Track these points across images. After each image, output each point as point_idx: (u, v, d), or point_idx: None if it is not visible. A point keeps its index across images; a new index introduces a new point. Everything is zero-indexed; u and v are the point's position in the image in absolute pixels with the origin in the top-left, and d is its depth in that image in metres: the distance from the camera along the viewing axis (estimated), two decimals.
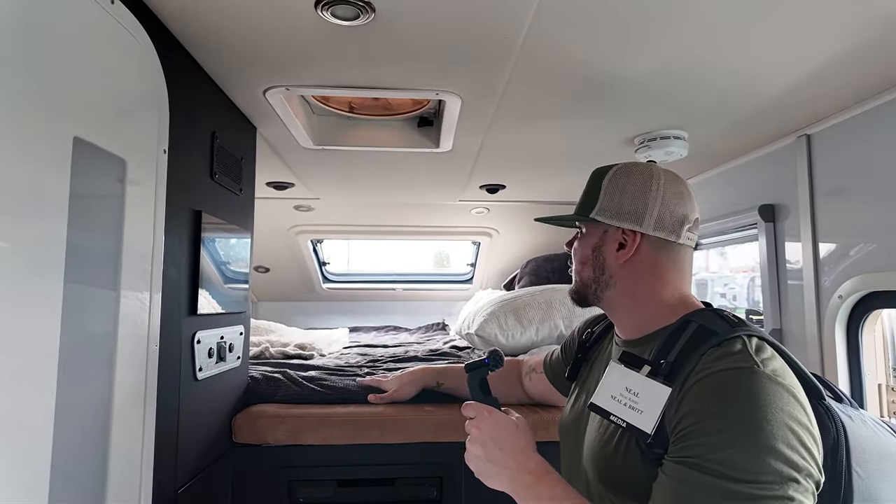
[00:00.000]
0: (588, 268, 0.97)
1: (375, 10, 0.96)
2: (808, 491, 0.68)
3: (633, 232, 0.92)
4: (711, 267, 3.58)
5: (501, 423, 0.91)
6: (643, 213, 0.92)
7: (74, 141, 0.75)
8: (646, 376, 0.83)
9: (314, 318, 3.62)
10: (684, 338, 0.83)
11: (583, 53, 1.12)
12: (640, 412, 0.81)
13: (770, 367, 0.75)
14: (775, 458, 0.67)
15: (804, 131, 1.56)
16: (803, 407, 0.73)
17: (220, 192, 1.34)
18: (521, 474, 0.85)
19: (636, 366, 0.86)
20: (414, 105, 1.66)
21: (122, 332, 0.88)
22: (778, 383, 0.73)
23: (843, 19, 0.99)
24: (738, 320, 0.84)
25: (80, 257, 0.77)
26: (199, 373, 1.21)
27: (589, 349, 1.11)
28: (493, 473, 0.87)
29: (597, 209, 0.96)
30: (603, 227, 0.95)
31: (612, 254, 0.94)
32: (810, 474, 0.69)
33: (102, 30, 0.82)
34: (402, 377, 1.61)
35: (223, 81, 1.29)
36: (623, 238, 0.93)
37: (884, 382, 1.44)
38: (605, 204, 0.95)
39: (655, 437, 0.77)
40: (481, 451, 0.89)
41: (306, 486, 1.50)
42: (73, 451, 0.77)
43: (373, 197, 2.69)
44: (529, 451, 0.88)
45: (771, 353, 0.79)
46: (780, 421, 0.69)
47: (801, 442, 0.69)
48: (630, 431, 0.81)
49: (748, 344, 0.78)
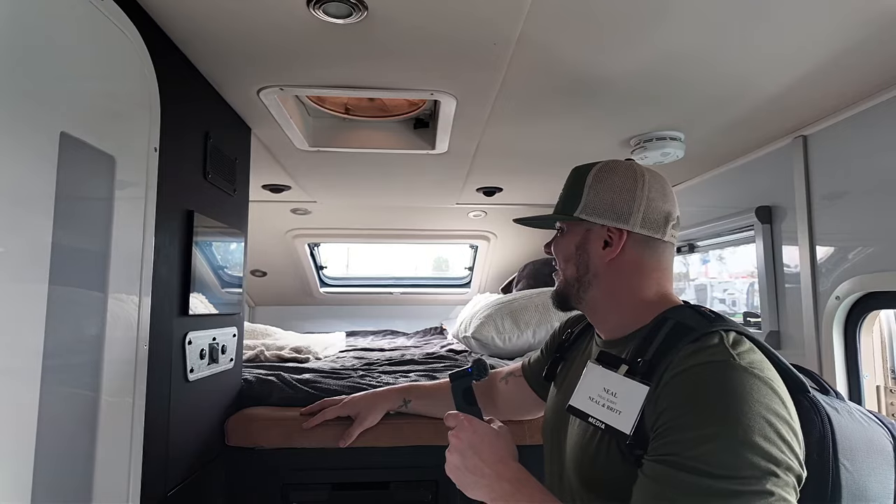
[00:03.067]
0: (572, 266, 0.95)
1: (368, 8, 0.95)
2: (789, 485, 0.67)
3: (618, 230, 0.91)
4: (711, 272, 3.58)
5: (480, 433, 0.89)
6: (629, 211, 0.91)
7: (61, 136, 0.74)
8: (623, 375, 0.82)
9: (311, 323, 3.60)
10: (661, 335, 0.82)
11: (577, 54, 1.12)
12: (619, 413, 0.79)
13: (746, 360, 0.73)
14: (753, 452, 0.66)
15: (800, 132, 1.56)
16: (782, 399, 0.71)
17: (214, 193, 1.33)
18: (499, 483, 0.83)
19: (613, 365, 0.85)
20: (409, 106, 1.65)
21: (110, 332, 0.87)
22: (754, 375, 0.71)
23: (839, 19, 0.98)
24: (716, 315, 0.83)
25: (67, 256, 0.76)
26: (191, 374, 1.19)
27: (568, 349, 1.10)
28: (472, 483, 0.86)
29: (581, 207, 0.94)
30: (587, 225, 0.94)
31: (598, 252, 0.93)
32: (790, 467, 0.67)
33: (92, 26, 0.82)
34: (357, 403, 1.43)
35: (216, 81, 1.28)
36: (608, 236, 0.92)
37: (882, 384, 1.43)
38: (589, 202, 0.93)
39: (635, 437, 0.76)
40: (460, 461, 0.88)
41: (300, 489, 1.48)
42: (57, 454, 0.76)
43: (369, 200, 2.68)
44: (508, 460, 0.87)
45: (749, 346, 0.77)
46: (757, 413, 0.68)
47: (780, 435, 0.68)
48: (609, 433, 0.80)
49: (725, 338, 0.77)
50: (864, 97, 1.33)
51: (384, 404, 1.44)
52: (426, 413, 1.44)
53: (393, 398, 1.44)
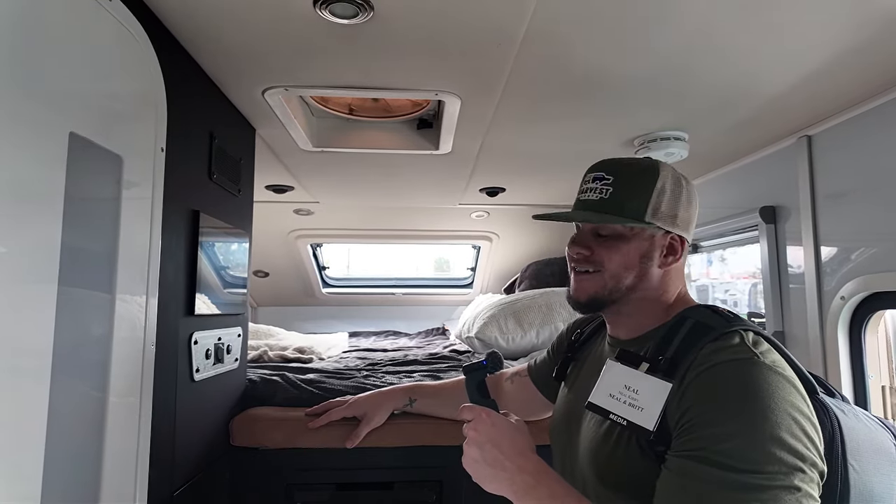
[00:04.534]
0: (631, 274, 0.90)
1: (374, 9, 0.95)
2: (813, 481, 0.68)
3: (680, 238, 0.92)
4: (712, 273, 3.58)
5: (499, 425, 0.89)
6: (692, 220, 0.93)
7: (70, 136, 0.74)
8: (645, 373, 0.83)
9: (314, 324, 3.60)
10: (682, 333, 0.83)
11: (581, 53, 1.12)
12: (641, 409, 0.80)
13: (770, 359, 0.75)
14: (780, 448, 0.67)
15: (804, 132, 1.55)
16: (804, 397, 0.73)
17: (219, 193, 1.33)
18: (520, 476, 0.83)
19: (634, 363, 0.85)
20: (413, 107, 1.66)
21: (118, 332, 0.87)
22: (779, 373, 0.73)
23: (842, 19, 0.98)
24: (734, 316, 0.84)
25: (76, 256, 0.76)
26: (197, 374, 1.20)
27: (578, 349, 1.10)
28: (492, 476, 0.85)
29: (651, 212, 0.89)
30: (651, 231, 0.90)
31: (660, 260, 0.91)
32: (814, 464, 0.69)
33: (99, 26, 0.82)
34: (362, 403, 1.43)
35: (222, 81, 1.28)
36: (671, 244, 0.92)
37: (888, 384, 1.43)
38: (664, 208, 0.90)
39: (657, 433, 0.77)
40: (479, 454, 0.87)
41: (304, 489, 1.48)
42: (66, 453, 0.76)
43: (372, 200, 2.68)
44: (528, 453, 0.86)
45: (768, 346, 0.79)
46: (784, 410, 0.69)
47: (804, 431, 0.69)
48: (630, 429, 0.80)
49: (745, 338, 0.79)
50: (868, 97, 1.33)
51: (390, 403, 1.43)
52: (431, 412, 1.43)
53: (398, 397, 1.44)
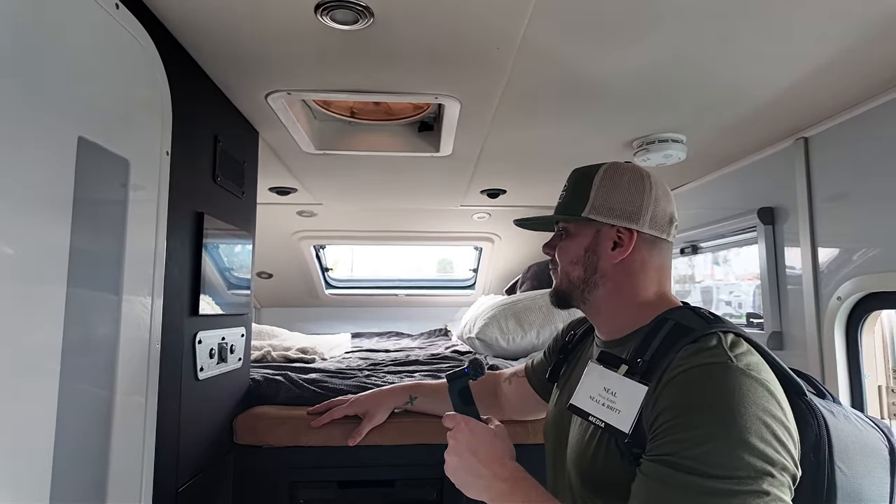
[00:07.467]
0: (578, 268, 0.96)
1: (374, 15, 0.98)
2: (784, 485, 0.68)
3: (628, 230, 0.92)
4: (717, 274, 3.58)
5: (477, 433, 0.91)
6: (639, 212, 0.92)
7: (79, 141, 0.77)
8: (623, 375, 0.83)
9: (317, 325, 3.62)
10: (660, 336, 0.83)
11: (579, 57, 1.14)
12: (618, 412, 0.81)
13: (744, 362, 0.75)
14: (749, 453, 0.67)
15: (802, 134, 1.57)
16: (778, 401, 0.73)
17: (223, 195, 1.35)
18: (496, 483, 0.85)
19: (614, 365, 0.86)
20: (414, 110, 1.68)
21: (125, 332, 0.90)
22: (751, 377, 0.72)
23: (839, 20, 1.00)
24: (715, 317, 0.84)
25: (84, 258, 0.78)
26: (201, 373, 1.22)
27: (571, 350, 1.11)
28: (470, 483, 0.88)
29: (588, 208, 0.94)
30: (596, 226, 0.94)
31: (607, 253, 0.93)
32: (785, 468, 0.69)
33: (107, 33, 0.84)
34: (364, 402, 1.45)
35: (226, 86, 1.31)
36: (618, 237, 0.93)
37: (884, 384, 1.44)
38: (598, 202, 0.94)
39: (633, 436, 0.77)
40: (458, 462, 0.89)
41: (307, 487, 1.50)
42: (74, 450, 0.78)
43: (374, 202, 2.70)
44: (505, 460, 0.88)
45: (746, 348, 0.78)
46: (753, 415, 0.69)
47: (775, 435, 0.69)
48: (609, 431, 0.81)
49: (723, 340, 0.78)
50: (864, 99, 1.34)
51: (391, 401, 1.46)
52: (431, 411, 1.45)
53: (399, 395, 1.46)
